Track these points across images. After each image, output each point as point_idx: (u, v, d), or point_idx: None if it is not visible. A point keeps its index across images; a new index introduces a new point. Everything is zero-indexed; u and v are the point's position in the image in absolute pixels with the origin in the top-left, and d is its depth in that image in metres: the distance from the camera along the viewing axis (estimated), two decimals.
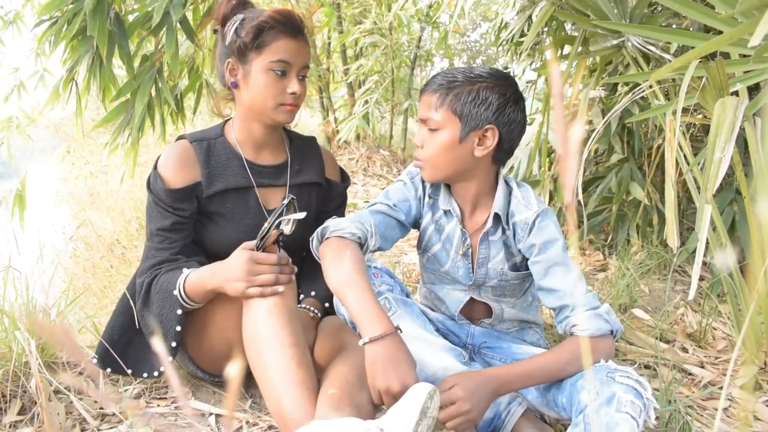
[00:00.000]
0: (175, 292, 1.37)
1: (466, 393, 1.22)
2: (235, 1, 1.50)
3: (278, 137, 1.61)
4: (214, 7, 2.10)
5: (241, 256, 1.31)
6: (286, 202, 1.30)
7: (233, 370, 0.34)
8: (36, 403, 1.38)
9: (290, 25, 1.44)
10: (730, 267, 1.29)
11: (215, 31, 1.56)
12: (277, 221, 1.29)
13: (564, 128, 0.31)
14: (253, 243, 1.33)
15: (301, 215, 1.30)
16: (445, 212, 1.49)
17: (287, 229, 1.31)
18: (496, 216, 1.42)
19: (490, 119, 1.33)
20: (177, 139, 1.56)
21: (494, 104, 1.32)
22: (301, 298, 1.62)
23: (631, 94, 1.78)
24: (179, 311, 1.39)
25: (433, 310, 1.63)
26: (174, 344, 1.40)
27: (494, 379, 1.27)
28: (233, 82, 1.50)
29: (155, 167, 1.49)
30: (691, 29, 2.24)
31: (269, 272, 1.30)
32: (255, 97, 1.47)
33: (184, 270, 1.39)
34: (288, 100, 1.46)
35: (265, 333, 1.27)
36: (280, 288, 1.31)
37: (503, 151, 1.39)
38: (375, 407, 1.27)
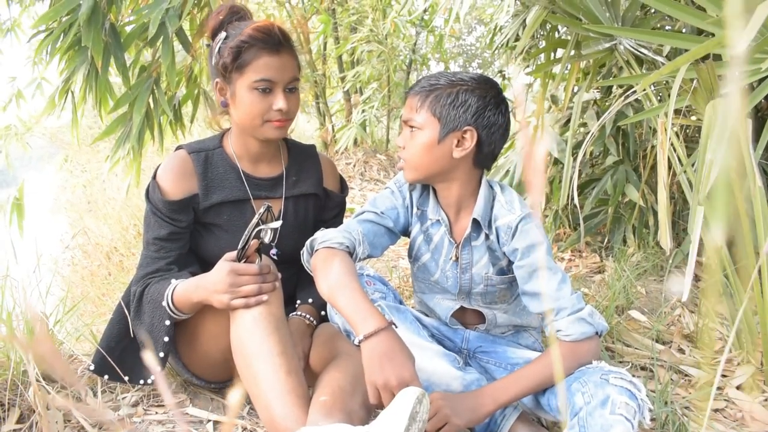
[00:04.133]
0: (164, 303, 1.38)
1: (446, 401, 1.25)
2: (223, 15, 1.48)
3: (275, 149, 1.61)
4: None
5: (223, 268, 1.31)
6: (261, 211, 1.29)
7: (234, 397, 0.35)
8: (34, 411, 1.38)
9: (270, 41, 1.41)
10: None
11: (208, 46, 1.56)
12: (255, 231, 1.29)
13: (528, 148, 0.32)
14: (234, 254, 1.33)
15: (278, 224, 1.30)
16: (434, 222, 1.49)
17: (267, 237, 1.31)
18: (476, 221, 1.43)
19: (468, 121, 1.34)
20: (176, 149, 1.56)
21: (473, 107, 1.34)
22: (297, 305, 1.63)
23: (623, 97, 1.79)
24: (167, 322, 1.39)
25: (427, 315, 1.64)
26: (162, 354, 1.41)
27: (481, 395, 1.29)
28: (223, 101, 1.50)
29: (154, 177, 1.50)
30: (683, 31, 2.25)
31: (252, 282, 1.30)
32: (242, 116, 1.46)
33: (173, 281, 1.40)
34: (275, 117, 1.45)
35: (252, 343, 1.28)
36: (265, 297, 1.31)
37: (484, 155, 1.40)
38: (367, 413, 1.27)
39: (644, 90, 1.84)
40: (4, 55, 4.77)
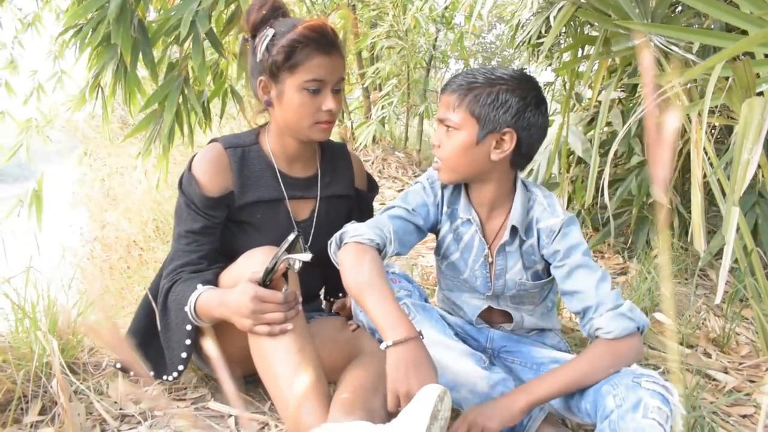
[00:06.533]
0: (186, 309, 1.36)
1: (475, 410, 1.25)
2: (266, 10, 1.44)
3: (312, 149, 1.58)
4: (239, 13, 2.10)
5: (247, 291, 1.25)
6: (291, 238, 1.25)
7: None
8: (56, 403, 1.38)
9: (323, 42, 1.38)
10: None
11: (246, 40, 1.53)
12: (284, 258, 1.25)
13: (656, 116, 0.30)
14: (258, 275, 1.28)
15: (307, 257, 1.26)
16: (464, 221, 1.47)
17: (296, 266, 1.27)
18: (513, 227, 1.41)
19: (508, 122, 1.30)
20: (210, 142, 1.52)
21: (514, 107, 1.29)
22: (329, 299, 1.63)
23: (656, 94, 1.76)
24: (189, 327, 1.38)
25: (451, 314, 1.62)
26: (185, 355, 1.40)
27: (513, 392, 1.27)
28: (267, 100, 1.46)
29: (189, 169, 1.47)
30: (712, 28, 2.21)
31: (276, 310, 1.26)
32: (289, 116, 1.43)
33: (199, 287, 1.36)
34: (324, 118, 1.43)
35: (270, 340, 1.27)
36: (289, 326, 1.27)
37: (521, 156, 1.37)
38: (388, 412, 1.26)
39: (672, 87, 1.80)
40: (25, 49, 4.82)
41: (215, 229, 1.47)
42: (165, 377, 1.46)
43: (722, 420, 1.57)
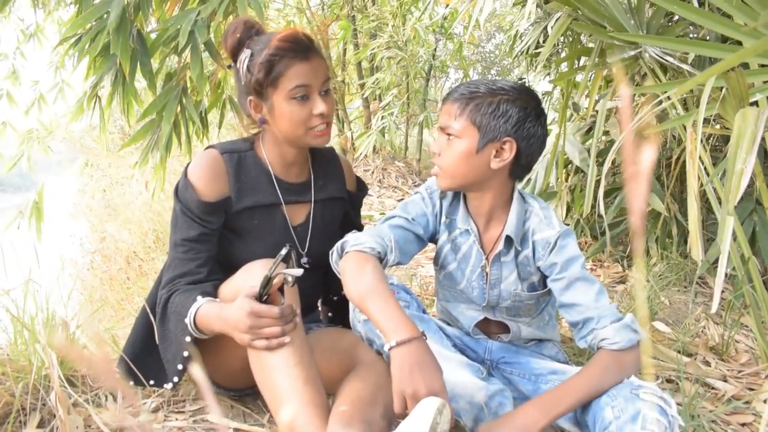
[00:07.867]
0: (187, 320, 1.35)
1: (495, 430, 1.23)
2: (240, 32, 1.45)
3: (305, 155, 1.59)
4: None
5: (243, 306, 1.25)
6: (283, 252, 1.25)
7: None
8: (55, 416, 1.38)
9: (299, 48, 1.40)
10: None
11: (229, 67, 1.54)
12: (278, 272, 1.25)
13: (633, 150, 0.30)
14: (254, 290, 1.27)
15: (299, 272, 1.25)
16: (463, 231, 1.48)
17: (290, 280, 1.27)
18: (508, 238, 1.42)
19: (508, 132, 1.32)
20: (206, 149, 1.53)
21: (514, 117, 1.32)
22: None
23: (652, 105, 1.77)
24: (188, 338, 1.37)
25: (450, 324, 1.62)
26: (181, 367, 1.40)
27: (531, 411, 1.24)
28: (261, 119, 1.47)
29: (185, 175, 1.46)
30: (707, 39, 2.22)
31: (273, 325, 1.25)
32: (285, 128, 1.44)
33: (198, 299, 1.36)
34: (317, 122, 1.43)
35: (269, 354, 1.26)
36: (287, 339, 1.26)
37: (520, 166, 1.38)
38: (387, 424, 1.26)
39: (669, 99, 1.81)
40: (26, 60, 4.85)
41: (212, 236, 1.47)
42: (164, 386, 1.46)
43: (721, 429, 1.57)
